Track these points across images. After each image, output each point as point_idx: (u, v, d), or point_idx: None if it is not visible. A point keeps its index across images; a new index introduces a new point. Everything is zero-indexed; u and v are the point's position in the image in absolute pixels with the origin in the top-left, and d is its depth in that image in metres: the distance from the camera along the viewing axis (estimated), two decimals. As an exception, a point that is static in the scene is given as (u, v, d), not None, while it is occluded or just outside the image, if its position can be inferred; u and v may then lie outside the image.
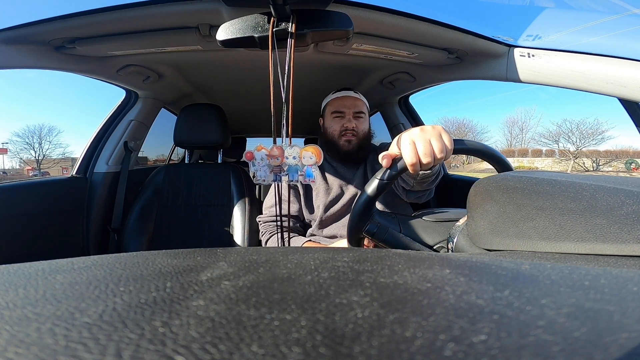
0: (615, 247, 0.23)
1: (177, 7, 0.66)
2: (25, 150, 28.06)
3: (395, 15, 0.69)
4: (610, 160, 28.24)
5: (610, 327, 0.10)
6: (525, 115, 29.12)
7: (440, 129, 0.48)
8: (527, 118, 28.22)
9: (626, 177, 0.33)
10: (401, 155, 0.47)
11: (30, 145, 27.78)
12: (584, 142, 27.28)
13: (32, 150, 27.85)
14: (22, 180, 1.04)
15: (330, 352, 0.09)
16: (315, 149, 0.49)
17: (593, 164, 27.45)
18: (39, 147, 27.58)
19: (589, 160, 27.61)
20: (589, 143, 27.19)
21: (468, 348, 0.09)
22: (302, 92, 1.32)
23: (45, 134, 27.91)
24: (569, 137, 27.99)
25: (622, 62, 0.59)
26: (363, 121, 0.97)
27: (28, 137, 27.81)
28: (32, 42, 0.74)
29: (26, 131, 28.46)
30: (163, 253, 0.22)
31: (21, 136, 28.03)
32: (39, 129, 28.16)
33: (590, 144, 27.15)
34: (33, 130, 28.44)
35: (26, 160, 27.92)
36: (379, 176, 0.48)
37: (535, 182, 0.31)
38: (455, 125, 39.67)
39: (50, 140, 28.17)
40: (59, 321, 0.11)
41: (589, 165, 27.20)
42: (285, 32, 0.52)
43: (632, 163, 27.29)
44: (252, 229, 1.09)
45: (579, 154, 26.70)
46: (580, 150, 26.93)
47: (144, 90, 1.21)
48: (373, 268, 0.18)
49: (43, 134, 27.75)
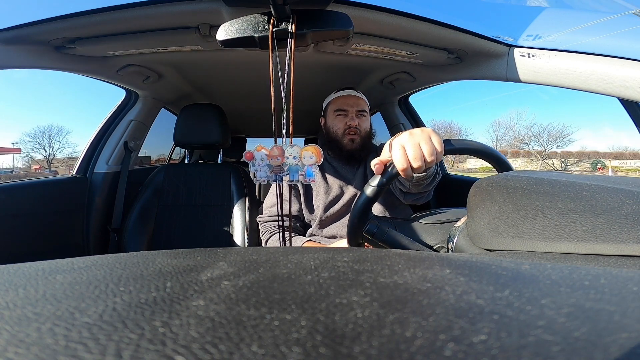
0: (615, 247, 0.23)
1: (177, 7, 0.66)
2: (36, 150, 28.87)
3: (395, 15, 0.69)
4: (578, 161, 30.31)
5: (610, 327, 0.10)
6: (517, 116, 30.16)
7: (429, 132, 0.48)
8: (520, 120, 29.37)
9: (626, 177, 0.33)
10: (392, 160, 0.47)
11: (41, 145, 28.57)
12: (552, 145, 29.71)
13: (43, 150, 28.57)
14: (23, 180, 1.03)
15: (330, 352, 0.09)
16: (315, 148, 0.49)
17: (562, 164, 29.49)
18: (49, 146, 28.04)
19: (558, 161, 29.70)
20: (556, 145, 29.65)
21: (468, 348, 0.09)
22: (302, 92, 1.32)
23: (54, 134, 28.41)
24: (538, 139, 30.41)
25: (622, 62, 0.59)
26: (365, 120, 0.98)
27: (39, 137, 28.59)
28: (32, 42, 0.74)
29: (37, 131, 29.15)
30: (163, 253, 0.22)
31: (32, 136, 28.76)
32: (49, 129, 28.89)
33: (555, 145, 29.67)
34: (43, 131, 29.15)
35: (35, 159, 28.70)
36: (372, 183, 0.48)
37: (535, 182, 0.31)
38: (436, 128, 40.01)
39: (60, 140, 28.71)
40: (59, 321, 0.11)
41: (557, 166, 29.16)
42: (285, 32, 0.52)
43: (598, 163, 29.03)
44: (252, 229, 1.09)
45: (547, 155, 28.72)
46: (547, 151, 29.17)
47: (144, 90, 1.21)
48: (373, 268, 0.18)
49: (53, 134, 28.41)
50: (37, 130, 29.99)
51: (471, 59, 0.87)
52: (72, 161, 27.98)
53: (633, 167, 27.44)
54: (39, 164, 27.34)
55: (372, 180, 0.48)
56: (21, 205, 0.94)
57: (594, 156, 30.95)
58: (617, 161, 29.49)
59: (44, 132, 28.24)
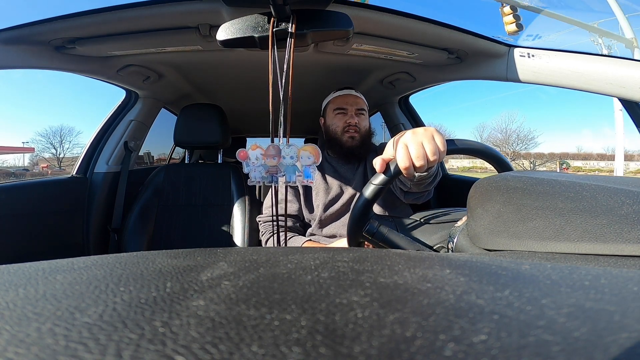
0: (615, 247, 0.23)
1: (177, 7, 0.66)
2: (47, 149, 30.14)
3: (395, 15, 0.69)
4: (545, 162, 32.78)
5: (610, 327, 0.10)
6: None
7: (432, 131, 0.48)
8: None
9: (626, 177, 0.33)
10: (395, 158, 0.47)
11: (52, 145, 29.80)
12: (520, 147, 32.11)
13: (54, 149, 29.75)
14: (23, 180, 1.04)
15: (330, 352, 0.09)
16: (313, 148, 0.48)
17: (530, 164, 31.92)
18: (60, 146, 28.83)
19: (527, 162, 32.15)
20: (523, 147, 32.07)
21: (468, 348, 0.09)
22: (302, 92, 1.32)
23: (65, 134, 29.22)
24: (507, 141, 32.96)
25: (622, 62, 0.59)
26: (365, 118, 0.98)
27: (50, 137, 29.80)
28: (33, 42, 0.74)
29: (49, 132, 30.21)
30: (163, 253, 0.22)
31: (44, 136, 29.94)
32: (60, 129, 30.05)
33: (522, 147, 32.07)
34: (55, 131, 30.27)
35: (45, 158, 29.97)
36: (374, 181, 0.48)
37: (535, 182, 0.31)
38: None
39: (70, 140, 29.81)
40: (59, 321, 0.11)
41: (527, 166, 31.56)
42: (285, 32, 0.52)
43: (564, 164, 31.27)
44: (252, 229, 1.09)
45: (516, 156, 31.32)
46: (517, 152, 31.59)
47: (144, 90, 1.21)
48: (373, 268, 0.18)
49: (63, 134, 29.54)
50: (49, 130, 31.65)
51: (471, 59, 0.87)
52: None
53: (595, 167, 29.87)
54: (47, 162, 28.29)
55: (374, 179, 0.48)
56: (21, 205, 0.94)
57: (564, 157, 33.95)
58: (581, 162, 32.11)
59: (55, 132, 29.50)
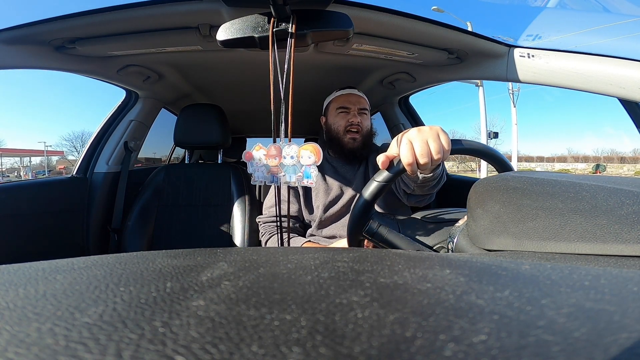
0: (615, 247, 0.23)
1: (177, 7, 0.66)
2: (70, 152, 33.67)
3: (395, 15, 0.69)
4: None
5: (610, 327, 0.10)
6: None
7: (438, 129, 0.48)
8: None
9: (626, 177, 0.33)
10: (399, 156, 0.47)
11: (75, 148, 33.17)
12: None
13: (76, 152, 32.73)
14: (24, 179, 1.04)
15: (330, 352, 0.09)
16: (314, 147, 0.47)
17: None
18: (82, 148, 31.27)
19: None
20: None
21: (468, 348, 0.09)
22: (302, 92, 1.32)
23: (86, 138, 31.10)
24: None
25: (622, 62, 0.59)
26: (367, 118, 0.97)
27: (73, 140, 33.86)
28: (33, 42, 0.74)
29: (72, 135, 34.00)
30: (163, 253, 0.22)
31: (68, 139, 33.96)
32: (82, 133, 33.33)
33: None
34: (78, 135, 34.09)
35: (67, 159, 32.81)
36: (377, 178, 0.47)
37: (535, 182, 0.31)
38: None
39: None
40: (59, 321, 0.11)
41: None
42: (285, 32, 0.52)
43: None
44: (252, 229, 1.09)
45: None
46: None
47: (144, 90, 1.21)
48: (373, 268, 0.18)
49: (84, 138, 32.21)
50: (72, 134, 35.64)
51: (471, 59, 0.87)
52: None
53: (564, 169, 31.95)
54: (64, 164, 30.95)
55: (377, 176, 0.48)
56: (21, 205, 0.94)
57: (538, 160, 36.27)
58: (559, 164, 34.24)
59: (78, 136, 33.51)
